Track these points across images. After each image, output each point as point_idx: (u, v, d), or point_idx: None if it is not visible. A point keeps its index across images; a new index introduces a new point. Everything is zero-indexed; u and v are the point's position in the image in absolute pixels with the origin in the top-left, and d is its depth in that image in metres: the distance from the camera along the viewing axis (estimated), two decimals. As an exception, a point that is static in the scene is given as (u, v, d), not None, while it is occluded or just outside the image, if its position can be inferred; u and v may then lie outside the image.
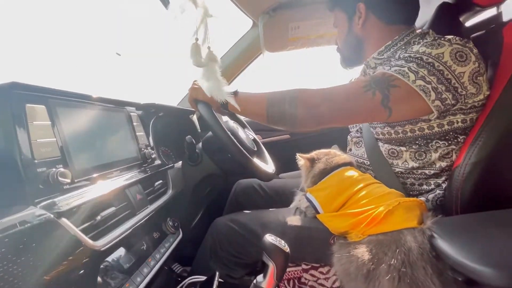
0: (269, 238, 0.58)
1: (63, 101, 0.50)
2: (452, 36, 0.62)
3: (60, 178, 0.42)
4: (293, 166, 1.32)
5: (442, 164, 0.66)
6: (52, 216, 0.38)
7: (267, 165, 1.01)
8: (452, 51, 0.58)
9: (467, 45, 0.60)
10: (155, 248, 0.62)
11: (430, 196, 0.67)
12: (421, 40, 0.69)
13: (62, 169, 0.43)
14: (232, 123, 0.96)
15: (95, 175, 0.52)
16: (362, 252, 0.53)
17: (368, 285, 0.51)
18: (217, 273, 0.67)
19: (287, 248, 0.57)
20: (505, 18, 0.79)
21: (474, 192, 0.59)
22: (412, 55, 0.61)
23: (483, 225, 0.51)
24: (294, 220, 0.73)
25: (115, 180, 0.56)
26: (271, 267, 0.57)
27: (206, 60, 0.66)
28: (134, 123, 0.73)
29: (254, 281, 0.59)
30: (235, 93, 0.71)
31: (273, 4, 1.10)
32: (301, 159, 0.78)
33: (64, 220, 0.39)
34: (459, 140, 0.64)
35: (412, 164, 0.68)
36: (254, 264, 0.78)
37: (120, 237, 0.48)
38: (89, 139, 0.55)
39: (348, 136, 0.91)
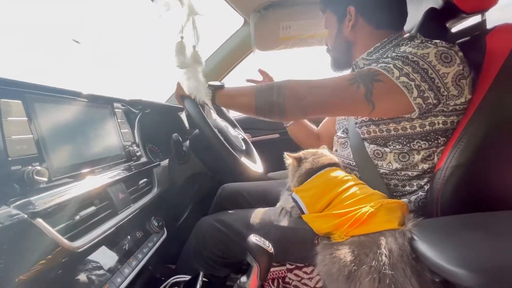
0: (253, 238, 0.58)
1: (41, 96, 0.48)
2: (439, 40, 0.64)
3: (36, 177, 0.40)
4: (282, 165, 1.33)
5: (424, 166, 0.67)
6: (26, 216, 0.36)
7: (256, 164, 1.01)
8: (437, 52, 0.59)
9: (452, 48, 0.61)
10: (137, 247, 0.61)
11: (413, 197, 0.68)
12: (409, 42, 0.70)
13: (38, 167, 0.41)
14: (221, 122, 0.95)
15: (74, 173, 0.51)
16: (344, 254, 0.54)
17: (349, 285, 0.51)
18: (201, 273, 0.66)
19: (271, 249, 0.57)
20: (489, 26, 0.81)
21: (454, 195, 0.61)
22: (398, 54, 0.62)
23: (461, 228, 0.53)
24: (277, 220, 0.73)
25: (96, 178, 0.54)
26: (255, 268, 0.57)
27: (190, 60, 0.66)
28: (119, 120, 0.72)
29: (238, 281, 0.59)
30: (222, 87, 0.72)
31: (265, 2, 1.09)
32: (288, 158, 0.78)
33: (39, 221, 0.38)
34: (439, 142, 0.65)
35: (395, 165, 0.69)
36: (238, 263, 0.79)
37: (100, 237, 0.47)
38: (69, 136, 0.53)
39: (334, 137, 0.91)
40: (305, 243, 0.65)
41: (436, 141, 0.65)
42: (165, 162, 0.91)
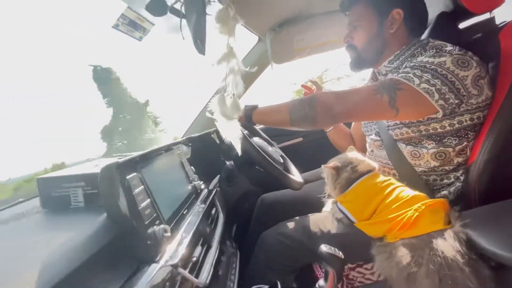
0: (325, 248, 0.68)
1: (144, 163, 0.57)
2: (452, 47, 0.70)
3: (164, 234, 0.49)
4: (311, 167, 1.42)
5: (459, 160, 0.75)
6: (172, 268, 0.46)
7: (295, 176, 1.10)
8: (454, 59, 0.66)
9: (467, 54, 0.68)
10: (228, 271, 0.71)
11: (452, 189, 0.77)
12: (424, 52, 0.76)
13: (162, 225, 0.50)
14: (259, 140, 1.04)
15: (177, 220, 0.60)
16: (400, 257, 0.58)
17: (410, 286, 0.56)
18: (278, 282, 0.76)
19: (341, 255, 0.67)
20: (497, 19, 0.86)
21: (490, 185, 0.69)
22: (416, 64, 0.69)
23: (504, 215, 0.61)
24: (333, 227, 0.80)
25: (190, 220, 0.64)
26: (331, 273, 0.68)
27: (230, 110, 0.72)
28: (182, 160, 0.81)
29: (317, 285, 0.69)
30: (256, 107, 0.83)
31: (279, 21, 1.16)
32: (325, 169, 0.82)
33: (180, 269, 0.47)
34: (469, 136, 0.72)
35: (434, 163, 0.76)
36: (301, 268, 0.88)
37: (211, 271, 0.57)
38: (163, 188, 0.62)
39: (369, 140, 0.97)
40: (362, 245, 0.72)
41: (466, 136, 0.73)
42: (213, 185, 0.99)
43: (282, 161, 1.07)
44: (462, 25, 0.95)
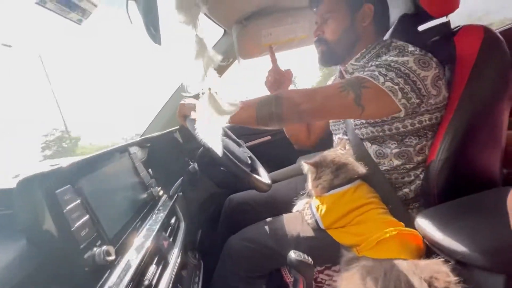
0: (294, 254, 0.65)
1: (81, 172, 0.47)
2: (414, 48, 0.72)
3: (107, 258, 0.41)
4: (279, 166, 1.40)
5: (419, 159, 0.77)
6: None
7: (263, 177, 1.06)
8: (416, 59, 0.67)
9: (427, 55, 0.70)
10: (189, 286, 0.64)
11: (412, 187, 0.79)
12: (387, 51, 0.77)
13: (105, 247, 0.42)
14: (225, 139, 0.97)
15: (126, 237, 0.51)
16: (358, 277, 0.56)
17: None
18: None
19: (311, 261, 0.64)
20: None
21: (448, 182, 0.72)
22: (381, 63, 0.70)
23: (461, 213, 0.64)
24: (302, 230, 0.77)
25: (143, 234, 0.55)
26: (301, 280, 0.65)
27: (226, 106, 0.65)
28: (136, 164, 0.71)
29: (287, 294, 0.66)
30: None
31: (245, 13, 1.10)
32: (305, 166, 0.79)
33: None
34: (428, 135, 0.75)
35: (396, 162, 0.78)
36: (270, 273, 0.85)
37: (168, 293, 0.50)
38: (109, 200, 0.53)
39: (336, 138, 0.97)
40: (331, 248, 0.71)
41: (425, 136, 0.75)
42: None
43: (249, 161, 1.02)
44: (421, 28, 1.00)
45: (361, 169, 0.76)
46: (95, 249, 0.41)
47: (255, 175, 0.91)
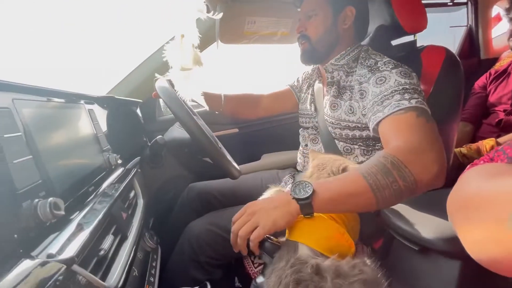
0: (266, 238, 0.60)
1: (27, 100, 0.35)
2: (394, 61, 0.75)
3: (55, 211, 0.30)
4: (245, 159, 1.35)
5: None
6: (64, 266, 0.28)
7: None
8: (399, 71, 0.70)
9: (408, 68, 0.73)
10: (145, 271, 0.53)
11: None
12: (368, 58, 0.79)
13: (52, 199, 0.31)
14: (202, 122, 0.89)
15: (78, 197, 0.40)
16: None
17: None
18: (208, 283, 0.63)
19: (280, 243, 0.61)
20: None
21: None
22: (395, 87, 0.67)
23: (424, 207, 0.69)
24: None
25: (99, 199, 0.44)
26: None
27: (191, 61, 0.60)
28: (94, 122, 0.58)
29: (253, 282, 0.61)
30: (312, 194, 0.51)
31: (233, -7, 1.05)
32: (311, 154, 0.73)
33: (76, 267, 0.29)
34: None
35: (361, 158, 0.81)
36: (230, 263, 0.79)
37: (125, 270, 0.40)
38: (59, 149, 0.41)
39: (304, 132, 0.97)
40: None
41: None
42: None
43: (220, 146, 0.95)
44: (393, 43, 1.10)
45: None
46: (37, 200, 0.30)
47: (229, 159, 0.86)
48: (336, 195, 0.51)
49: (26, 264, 0.26)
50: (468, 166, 0.41)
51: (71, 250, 0.30)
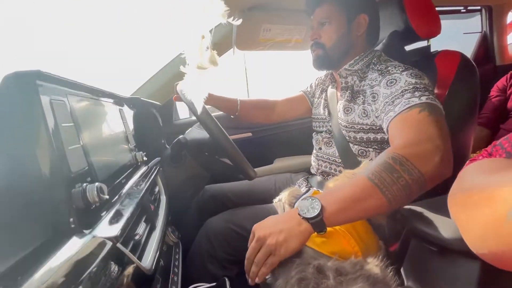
0: None
1: (78, 97, 0.39)
2: (408, 66, 0.75)
3: (101, 195, 0.33)
4: (260, 163, 1.37)
5: None
6: (112, 244, 0.30)
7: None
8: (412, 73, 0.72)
9: (415, 70, 0.74)
10: (171, 262, 0.56)
11: None
12: (378, 63, 0.81)
13: (98, 184, 0.34)
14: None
15: (117, 185, 0.43)
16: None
17: None
18: (227, 279, 0.65)
19: None
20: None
21: None
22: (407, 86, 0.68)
23: (442, 208, 0.69)
24: None
25: (132, 190, 0.47)
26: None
27: (207, 61, 0.63)
28: (124, 121, 0.62)
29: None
30: (322, 211, 0.50)
31: (250, 3, 1.10)
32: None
33: (121, 247, 0.32)
34: None
35: None
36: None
37: (157, 255, 0.42)
38: (98, 142, 0.45)
39: (318, 136, 0.98)
40: None
41: None
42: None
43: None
44: (407, 48, 1.11)
45: None
46: (85, 184, 0.34)
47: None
48: (345, 204, 0.49)
49: (78, 239, 0.29)
50: (467, 162, 0.41)
51: (115, 230, 0.33)
